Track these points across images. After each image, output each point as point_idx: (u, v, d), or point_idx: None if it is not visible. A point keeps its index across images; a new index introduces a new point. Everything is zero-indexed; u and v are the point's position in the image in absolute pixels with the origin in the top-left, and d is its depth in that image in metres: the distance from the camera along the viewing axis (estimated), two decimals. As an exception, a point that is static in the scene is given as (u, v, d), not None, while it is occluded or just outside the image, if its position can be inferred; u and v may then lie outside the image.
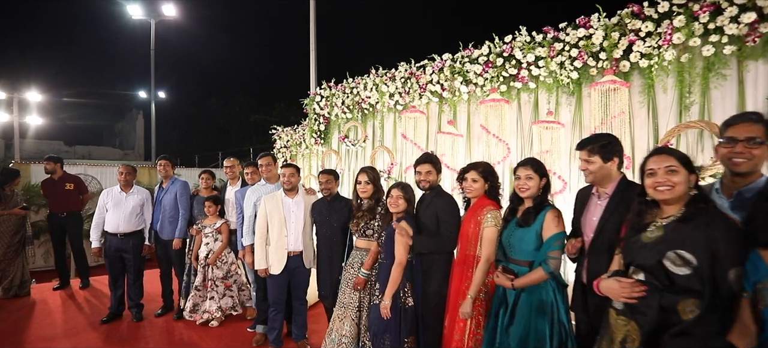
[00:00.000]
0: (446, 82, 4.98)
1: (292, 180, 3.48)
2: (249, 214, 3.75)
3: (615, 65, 3.76)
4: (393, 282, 2.69)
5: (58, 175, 5.56)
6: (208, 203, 4.18)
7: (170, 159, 4.50)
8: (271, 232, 3.45)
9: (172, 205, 4.34)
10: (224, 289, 4.16)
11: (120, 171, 4.31)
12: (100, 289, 5.38)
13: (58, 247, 5.51)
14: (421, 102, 5.28)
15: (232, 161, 4.44)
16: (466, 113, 5.00)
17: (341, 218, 3.38)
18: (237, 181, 4.45)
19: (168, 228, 4.33)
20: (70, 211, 5.47)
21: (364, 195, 3.13)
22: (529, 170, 2.39)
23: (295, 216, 3.47)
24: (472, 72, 4.71)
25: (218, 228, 4.16)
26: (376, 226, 3.06)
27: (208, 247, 4.12)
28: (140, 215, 4.35)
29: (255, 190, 3.79)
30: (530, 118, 4.46)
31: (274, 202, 3.48)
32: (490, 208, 2.56)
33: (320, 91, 6.57)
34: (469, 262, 2.57)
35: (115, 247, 4.22)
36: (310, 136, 6.72)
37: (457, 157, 4.92)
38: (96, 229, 4.27)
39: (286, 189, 3.49)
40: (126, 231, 4.23)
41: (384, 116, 5.80)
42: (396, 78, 5.49)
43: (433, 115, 5.29)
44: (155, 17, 14.67)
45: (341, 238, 3.37)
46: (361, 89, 5.92)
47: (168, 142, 18.79)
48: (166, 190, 4.40)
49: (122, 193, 4.30)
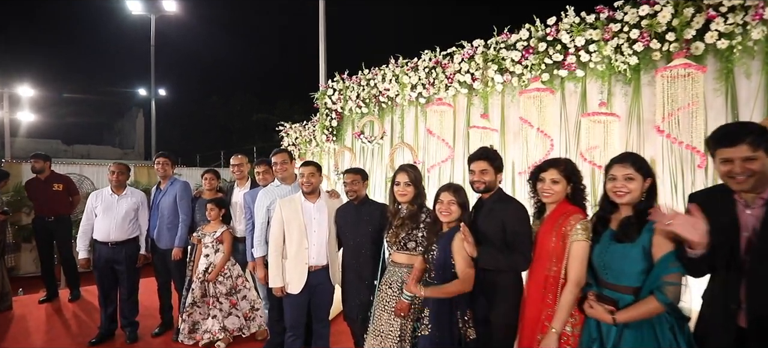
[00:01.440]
0: (477, 71, 4.39)
1: (313, 181, 2.88)
2: (261, 220, 3.14)
3: (685, 47, 3.18)
4: (443, 290, 2.15)
5: (46, 174, 4.94)
6: (210, 206, 3.56)
7: (169, 156, 3.89)
8: (289, 243, 2.85)
9: (171, 209, 3.73)
10: (229, 307, 3.55)
11: (111, 170, 3.69)
12: (91, 302, 4.75)
13: (44, 255, 4.88)
14: (448, 94, 4.69)
15: (241, 159, 3.83)
16: (499, 105, 4.41)
17: (372, 226, 2.79)
18: (245, 181, 3.84)
19: (166, 235, 3.72)
20: (58, 215, 4.85)
21: (404, 199, 2.54)
22: (628, 168, 1.80)
23: (317, 223, 2.87)
24: (508, 59, 4.12)
25: (219, 237, 3.55)
26: (420, 237, 2.46)
27: (208, 260, 3.51)
28: (135, 221, 3.73)
29: (268, 192, 3.18)
30: (577, 109, 3.89)
31: (292, 207, 2.88)
32: (577, 216, 1.97)
33: (333, 84, 5.97)
34: (550, 284, 1.98)
35: (105, 257, 3.61)
36: (322, 132, 6.11)
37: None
38: (83, 237, 3.65)
39: (305, 191, 2.89)
40: (118, 239, 3.62)
41: (405, 110, 5.21)
42: (419, 68, 4.90)
43: (461, 108, 4.70)
44: (155, 13, 14.02)
45: (372, 251, 2.78)
46: (379, 81, 5.32)
47: (169, 140, 18.14)
48: (164, 192, 3.79)
49: (114, 195, 3.69)
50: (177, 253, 3.68)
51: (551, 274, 1.98)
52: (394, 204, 2.63)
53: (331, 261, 2.91)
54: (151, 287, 4.06)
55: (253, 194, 3.43)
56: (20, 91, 10.96)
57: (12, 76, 12.78)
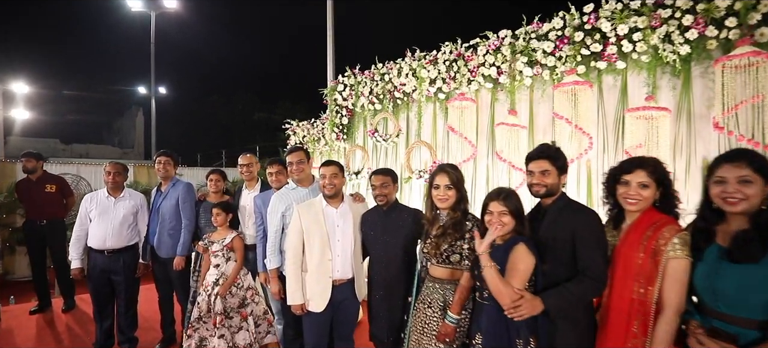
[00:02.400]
0: (504, 63, 4.03)
1: (336, 183, 2.51)
2: (275, 227, 2.77)
3: (749, 34, 2.82)
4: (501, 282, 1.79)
5: (38, 174, 4.55)
6: (216, 211, 3.18)
7: (172, 155, 3.51)
8: (310, 254, 2.48)
9: (172, 214, 3.36)
10: (240, 320, 3.16)
11: (106, 170, 3.31)
12: (87, 313, 4.36)
13: (36, 262, 4.49)
14: (470, 88, 4.32)
15: (250, 158, 3.45)
16: (527, 101, 4.05)
17: (404, 235, 2.42)
18: (255, 183, 3.46)
19: (168, 242, 3.34)
20: (51, 218, 4.46)
21: (445, 204, 2.17)
22: (745, 169, 1.44)
23: (341, 232, 2.50)
24: (540, 51, 3.75)
25: (229, 244, 3.17)
26: (466, 249, 2.10)
27: (219, 271, 3.12)
28: (133, 226, 3.36)
29: (283, 196, 2.81)
30: (616, 104, 3.53)
31: (313, 213, 2.50)
32: (672, 227, 1.61)
33: (343, 79, 5.59)
34: (636, 310, 1.62)
35: (101, 267, 3.23)
36: (331, 130, 5.74)
37: (518, 152, 3.95)
38: (77, 244, 3.27)
39: (327, 195, 2.52)
40: (115, 246, 3.24)
41: (422, 106, 4.83)
42: (439, 61, 4.53)
43: (484, 104, 4.33)
44: (155, 9, 13.59)
45: (405, 263, 2.42)
46: (394, 75, 4.95)
47: (169, 139, 17.72)
48: (165, 195, 3.41)
49: (110, 198, 3.31)
50: (179, 263, 3.30)
51: (637, 297, 1.62)
52: (431, 210, 2.27)
53: (356, 274, 2.54)
54: (150, 296, 3.68)
55: (264, 197, 3.06)
56: (15, 88, 10.50)
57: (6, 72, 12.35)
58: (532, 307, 1.70)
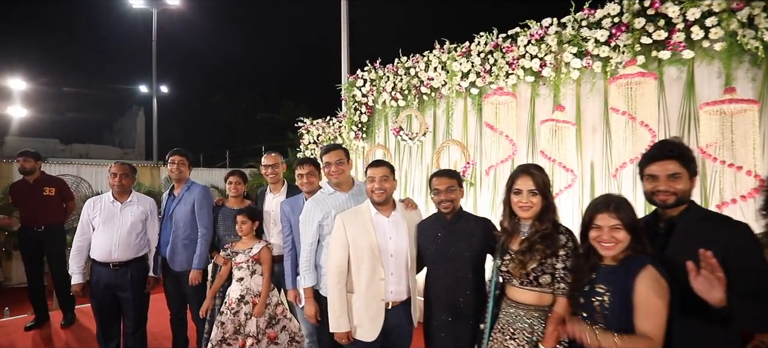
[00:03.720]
0: (548, 55, 3.62)
1: (386, 186, 2.09)
2: (310, 239, 2.34)
3: None
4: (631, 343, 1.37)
5: (36, 176, 4.09)
6: (241, 219, 2.76)
7: (186, 154, 3.07)
8: (357, 271, 2.06)
9: (187, 221, 2.92)
10: (268, 343, 2.73)
11: (112, 172, 2.87)
12: (89, 328, 3.91)
13: (32, 272, 4.03)
14: (508, 82, 3.91)
15: (275, 158, 3.01)
16: (574, 95, 3.65)
17: (473, 249, 2.01)
18: (281, 186, 3.02)
19: (182, 254, 2.91)
20: (49, 224, 4.00)
21: (528, 213, 1.76)
22: None
23: (395, 245, 2.08)
24: (591, 40, 3.35)
25: (256, 256, 2.74)
26: (560, 269, 1.68)
27: (243, 286, 2.69)
28: (142, 235, 2.92)
29: (318, 202, 2.37)
30: (682, 98, 3.13)
31: (360, 223, 2.08)
32: None
33: (363, 74, 5.17)
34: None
35: (106, 282, 2.79)
36: (349, 128, 5.31)
37: (566, 151, 3.55)
38: (78, 256, 2.83)
39: (377, 201, 2.10)
40: (122, 259, 2.80)
41: (450, 102, 4.42)
42: (472, 53, 4.12)
43: (524, 99, 3.92)
44: (157, 6, 13.11)
45: (474, 282, 2.01)
46: (421, 69, 4.54)
47: (170, 139, 17.23)
48: (179, 199, 2.97)
49: (116, 203, 2.87)
50: (195, 277, 2.87)
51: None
52: (510, 220, 1.85)
53: (412, 294, 2.12)
54: (159, 308, 3.24)
55: (293, 204, 2.63)
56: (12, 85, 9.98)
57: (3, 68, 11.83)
58: None
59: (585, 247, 1.61)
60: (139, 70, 26.94)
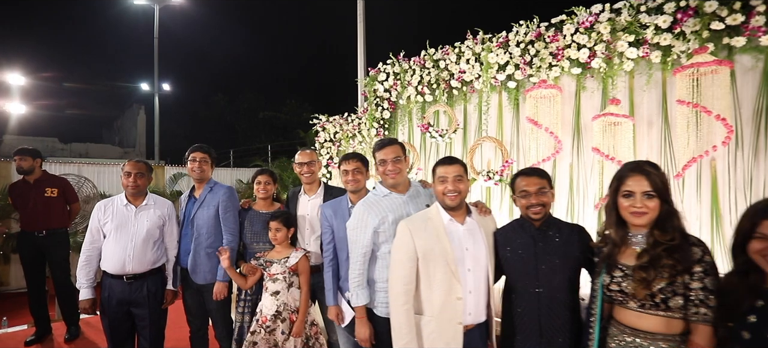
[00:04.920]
0: (599, 44, 3.27)
1: (461, 188, 1.73)
2: (364, 249, 1.96)
3: None
4: None
5: (37, 176, 3.68)
6: (276, 225, 2.38)
7: (209, 151, 2.68)
8: (429, 290, 1.70)
9: (211, 227, 2.53)
10: (302, 366, 2.36)
11: (126, 171, 2.47)
12: (95, 343, 3.51)
13: (33, 280, 3.62)
14: (551, 74, 3.56)
15: (311, 154, 2.63)
16: (626, 87, 3.30)
17: (570, 262, 1.65)
18: (317, 187, 2.63)
19: (205, 265, 2.52)
20: (51, 229, 3.59)
21: (643, 220, 1.43)
22: None
23: (473, 257, 1.72)
24: (652, 27, 3.00)
25: (294, 266, 2.36)
26: (698, 291, 1.33)
27: (279, 301, 2.31)
28: (160, 243, 2.53)
29: (372, 205, 1.99)
30: (758, 90, 2.80)
31: (432, 231, 1.71)
32: None
33: (385, 68, 4.79)
34: None
35: (119, 297, 2.40)
36: (370, 125, 4.93)
37: (617, 149, 3.20)
38: (87, 267, 2.43)
39: (450, 206, 1.73)
40: (138, 270, 2.41)
41: (483, 97, 4.06)
42: (510, 43, 3.76)
43: (568, 92, 3.57)
44: (159, 2, 12.61)
45: (568, 301, 1.65)
46: (451, 61, 4.17)
47: (172, 138, 16.74)
48: (201, 202, 2.58)
49: (130, 206, 2.47)
50: (221, 290, 2.48)
51: None
52: (617, 228, 1.50)
53: (491, 314, 1.76)
54: (177, 323, 2.86)
55: (336, 207, 2.25)
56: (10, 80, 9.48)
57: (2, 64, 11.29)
58: None
59: (741, 261, 1.26)
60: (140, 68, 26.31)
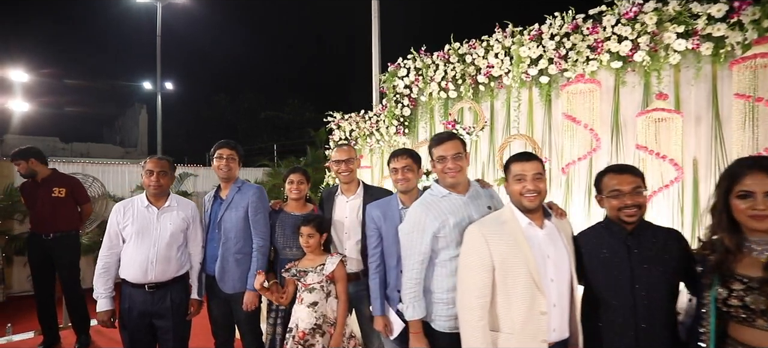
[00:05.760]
0: (643, 36, 3.06)
1: (541, 187, 1.50)
2: (422, 256, 1.74)
3: None
4: None
5: (44, 175, 3.43)
6: (308, 231, 2.14)
7: (236, 147, 2.44)
8: (507, 303, 1.48)
9: (240, 230, 2.29)
10: (345, 384, 2.12)
11: (148, 169, 2.22)
12: (108, 352, 3.26)
13: (41, 286, 3.36)
14: (587, 68, 3.34)
15: (350, 151, 2.38)
16: (671, 82, 3.09)
17: (667, 272, 1.44)
18: (356, 186, 2.39)
19: (234, 272, 2.27)
20: (59, 231, 3.34)
21: (765, 225, 1.19)
22: None
23: (554, 266, 1.50)
24: (704, 16, 2.80)
25: (331, 274, 2.12)
26: None
27: (318, 313, 2.07)
28: (183, 248, 2.28)
29: (430, 206, 1.76)
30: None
31: (509, 236, 1.49)
32: None
33: (406, 63, 4.56)
34: None
35: (140, 309, 2.16)
36: (390, 123, 4.70)
37: (663, 147, 2.99)
38: (105, 275, 2.18)
39: (528, 207, 1.51)
40: (161, 279, 2.17)
41: (515, 93, 3.84)
42: (544, 36, 3.54)
43: (606, 88, 3.36)
44: (162, 0, 12.32)
45: (666, 317, 1.43)
46: (479, 55, 3.95)
47: (174, 138, 16.40)
48: (228, 203, 2.34)
49: (152, 208, 2.23)
50: (252, 301, 2.24)
51: None
52: (730, 234, 1.28)
53: (575, 329, 1.53)
54: (201, 332, 2.61)
55: (384, 208, 2.03)
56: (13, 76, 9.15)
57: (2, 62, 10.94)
58: None
59: None
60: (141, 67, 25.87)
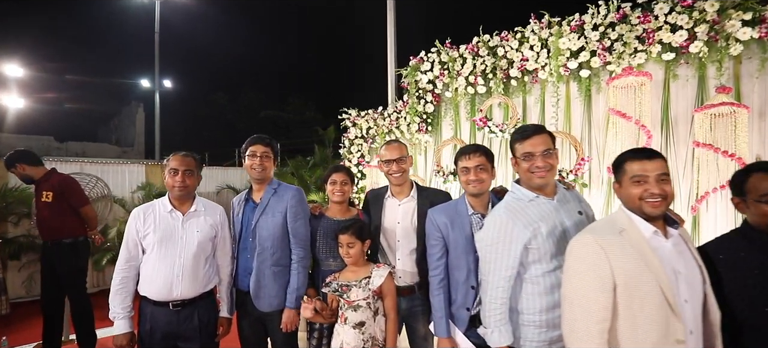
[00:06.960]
0: (701, 25, 2.81)
1: (667, 190, 1.23)
2: (509, 270, 1.45)
3: None
4: None
5: (38, 177, 3.09)
6: (347, 240, 1.84)
7: (270, 143, 2.11)
8: (632, 329, 1.19)
9: (277, 238, 1.96)
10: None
11: (172, 167, 1.89)
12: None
13: (47, 296, 3.02)
14: (634, 61, 3.09)
15: (401, 148, 2.06)
16: (731, 75, 2.85)
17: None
18: (409, 188, 2.08)
19: (272, 287, 1.94)
20: (52, 239, 2.99)
21: None
22: None
23: (686, 282, 1.23)
24: (773, 1, 2.55)
25: (377, 289, 1.82)
26: None
27: (365, 334, 1.77)
28: (212, 259, 1.96)
29: (517, 212, 1.46)
30: None
31: (630, 247, 1.22)
32: None
33: (430, 56, 4.28)
34: None
35: (164, 330, 1.82)
36: (412, 120, 4.41)
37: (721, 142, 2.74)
38: (123, 292, 1.85)
39: (652, 214, 1.22)
40: (187, 295, 1.84)
41: (550, 87, 3.58)
42: (585, 26, 3.28)
43: (655, 82, 3.10)
44: (160, -3, 11.90)
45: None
46: (512, 48, 3.68)
47: (171, 137, 15.93)
48: (263, 207, 2.01)
49: (176, 213, 1.90)
50: (291, 320, 1.92)
51: None
52: None
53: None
54: None
55: (451, 212, 1.73)
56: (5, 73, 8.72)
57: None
58: None
59: None
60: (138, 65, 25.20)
